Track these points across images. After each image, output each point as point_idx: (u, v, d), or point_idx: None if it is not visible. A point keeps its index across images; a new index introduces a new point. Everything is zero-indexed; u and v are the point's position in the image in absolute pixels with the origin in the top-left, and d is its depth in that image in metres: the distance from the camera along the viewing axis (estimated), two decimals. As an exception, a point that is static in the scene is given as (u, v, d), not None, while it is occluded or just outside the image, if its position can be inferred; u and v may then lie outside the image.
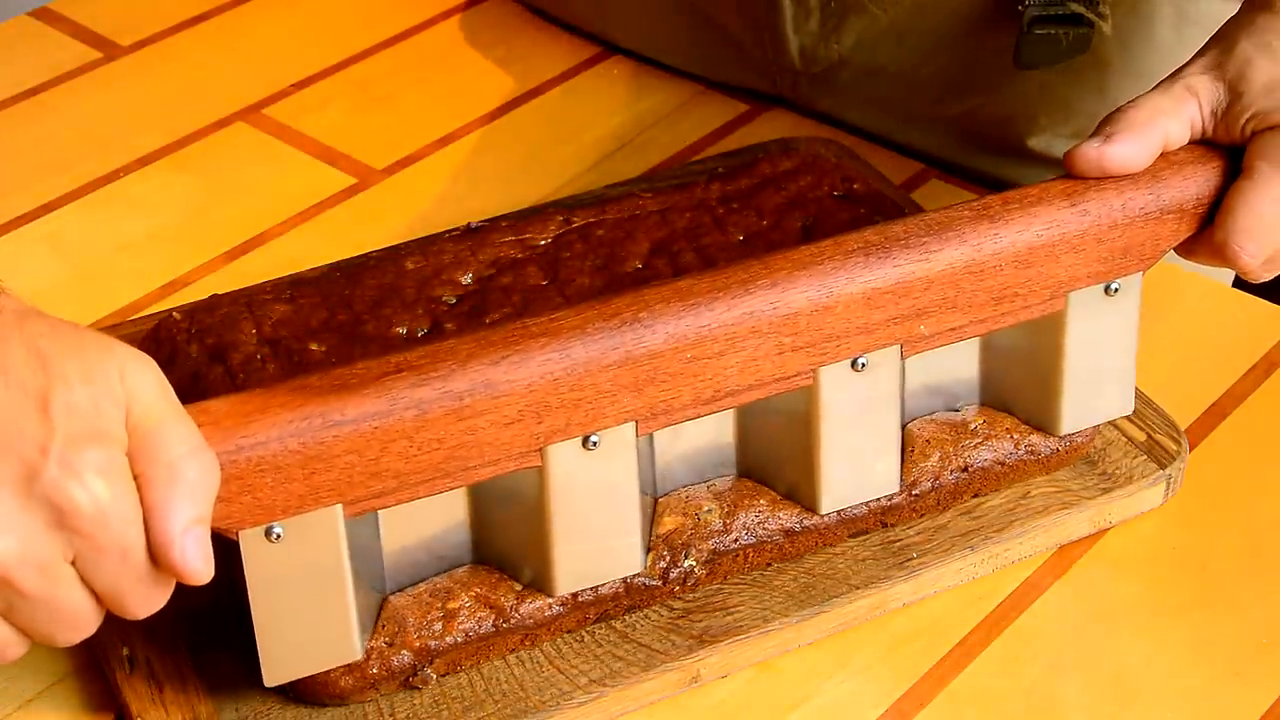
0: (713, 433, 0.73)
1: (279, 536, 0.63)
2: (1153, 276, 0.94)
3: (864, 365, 0.71)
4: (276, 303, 0.81)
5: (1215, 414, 0.85)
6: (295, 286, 0.82)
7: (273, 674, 0.66)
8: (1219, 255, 0.75)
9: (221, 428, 0.61)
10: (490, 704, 0.69)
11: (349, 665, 0.68)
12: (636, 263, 0.83)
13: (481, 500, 0.69)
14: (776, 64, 1.04)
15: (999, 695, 0.72)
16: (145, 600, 0.58)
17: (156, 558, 0.57)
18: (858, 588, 0.74)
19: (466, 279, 0.82)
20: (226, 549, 0.62)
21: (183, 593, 0.60)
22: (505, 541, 0.70)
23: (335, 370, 0.64)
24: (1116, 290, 0.75)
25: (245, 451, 0.61)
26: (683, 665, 0.71)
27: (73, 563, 0.56)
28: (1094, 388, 0.77)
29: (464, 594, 0.69)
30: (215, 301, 0.81)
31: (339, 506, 0.63)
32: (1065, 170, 0.74)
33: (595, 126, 1.06)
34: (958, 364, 0.77)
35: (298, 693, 0.69)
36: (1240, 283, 0.95)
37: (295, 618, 0.65)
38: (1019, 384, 0.77)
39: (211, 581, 0.59)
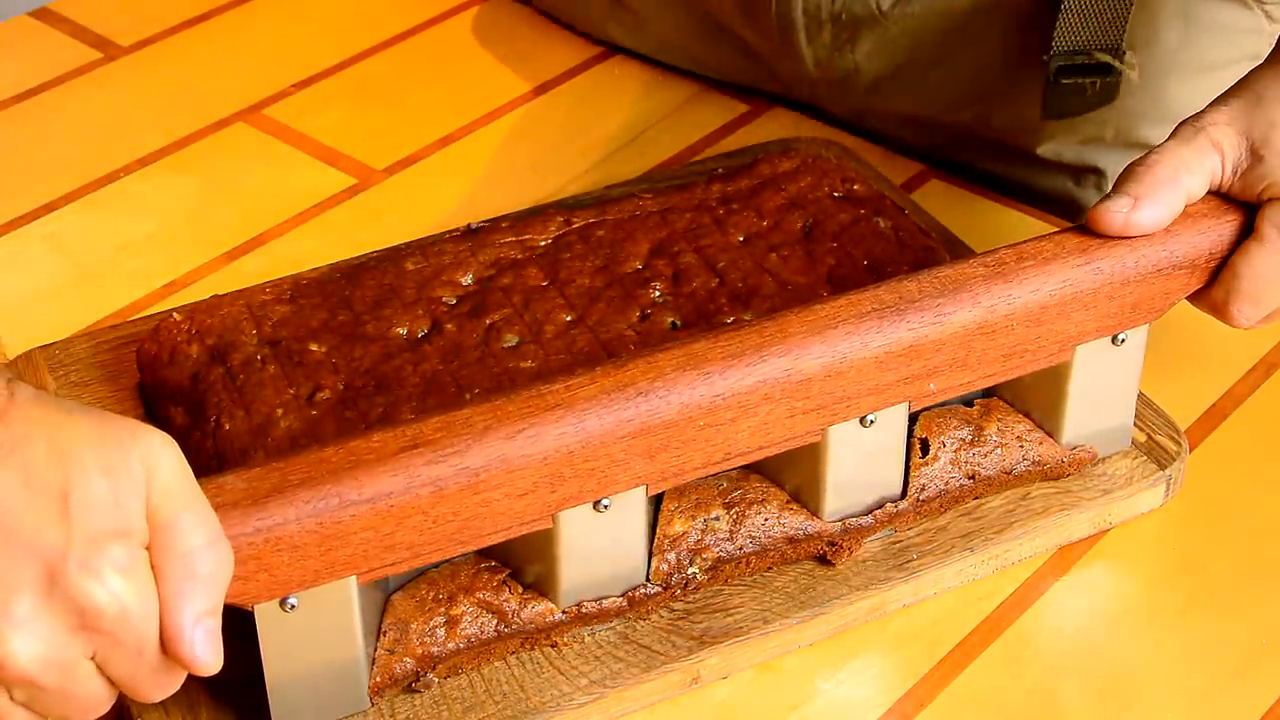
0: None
1: (293, 607, 0.64)
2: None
3: (872, 422, 0.72)
4: (276, 303, 0.81)
5: (1215, 414, 0.85)
6: (295, 287, 0.82)
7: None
8: (1216, 312, 0.76)
9: (239, 509, 0.61)
10: (490, 704, 0.69)
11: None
12: (636, 263, 0.83)
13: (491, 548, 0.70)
14: (793, 73, 1.04)
15: (999, 695, 0.72)
16: (158, 688, 0.59)
17: (166, 649, 0.57)
18: (858, 589, 0.74)
19: (466, 279, 0.82)
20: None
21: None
22: (513, 567, 0.71)
23: (350, 444, 0.64)
24: (1123, 341, 0.75)
25: (263, 533, 0.61)
26: (683, 666, 0.71)
27: (91, 657, 0.57)
28: (1093, 425, 0.78)
29: (466, 600, 0.69)
30: (215, 302, 0.81)
31: (353, 577, 0.64)
32: (1086, 223, 0.74)
33: (595, 126, 1.06)
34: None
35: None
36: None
37: (307, 676, 0.66)
38: (1022, 405, 0.78)
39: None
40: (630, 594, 0.71)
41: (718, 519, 0.73)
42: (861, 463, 0.73)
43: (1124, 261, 0.73)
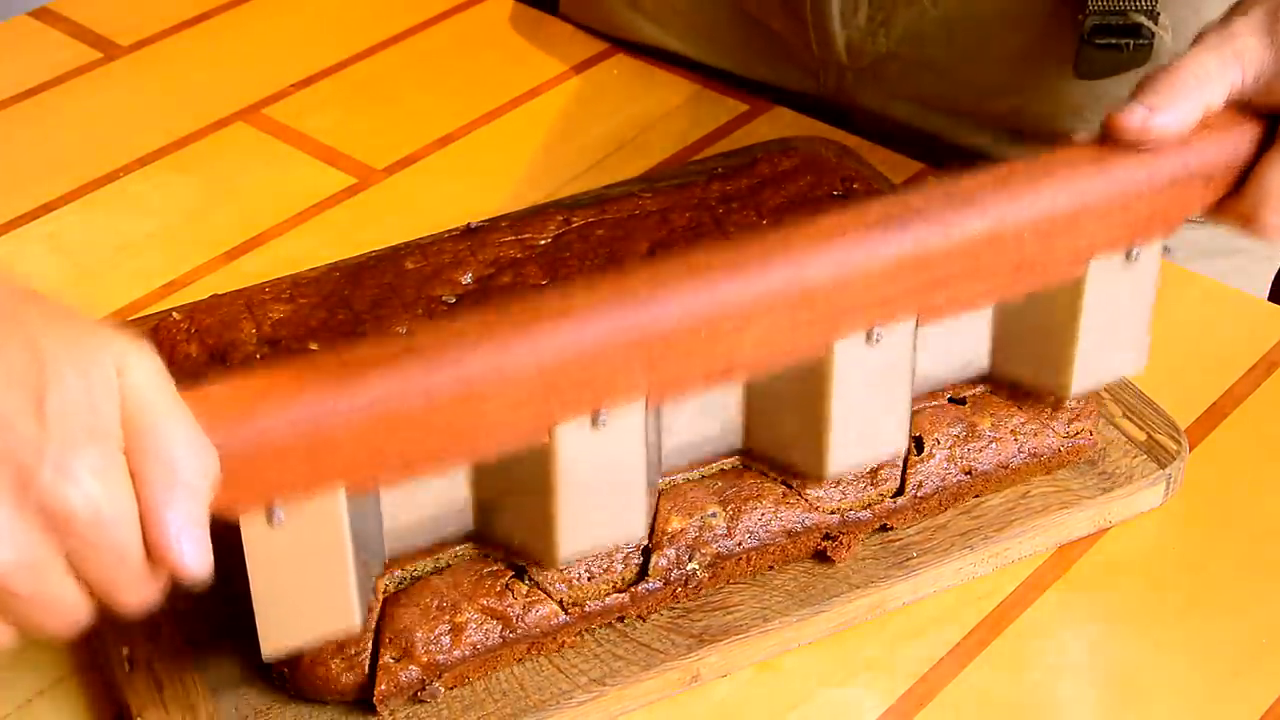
0: (719, 402, 0.72)
1: (281, 519, 0.62)
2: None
3: (879, 338, 0.69)
4: (276, 303, 0.81)
5: (1215, 414, 0.85)
6: (295, 286, 0.82)
7: (271, 646, 0.65)
8: (1245, 223, 0.74)
9: (224, 415, 0.59)
10: (490, 703, 0.69)
11: (350, 663, 0.68)
12: (636, 262, 0.83)
13: (483, 472, 0.68)
14: (821, 59, 1.03)
15: (999, 695, 0.72)
16: (138, 595, 0.58)
17: (153, 557, 0.57)
18: (857, 587, 0.74)
19: (466, 279, 0.82)
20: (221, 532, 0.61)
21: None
22: (507, 513, 0.70)
23: (341, 352, 0.62)
24: (1137, 257, 0.73)
25: (248, 438, 0.59)
26: (683, 664, 0.71)
27: (68, 558, 0.56)
28: (1107, 348, 0.75)
29: (470, 606, 0.69)
30: (215, 301, 0.81)
31: (342, 488, 0.62)
32: (1104, 133, 0.72)
33: (595, 126, 1.06)
34: (967, 327, 0.75)
35: (299, 690, 0.69)
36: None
37: (295, 593, 0.64)
38: (1029, 344, 0.76)
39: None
40: (632, 591, 0.71)
41: (714, 515, 0.73)
42: (867, 398, 0.71)
43: (1138, 172, 0.71)
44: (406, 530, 0.69)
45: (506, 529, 0.70)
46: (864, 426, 0.72)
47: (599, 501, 0.68)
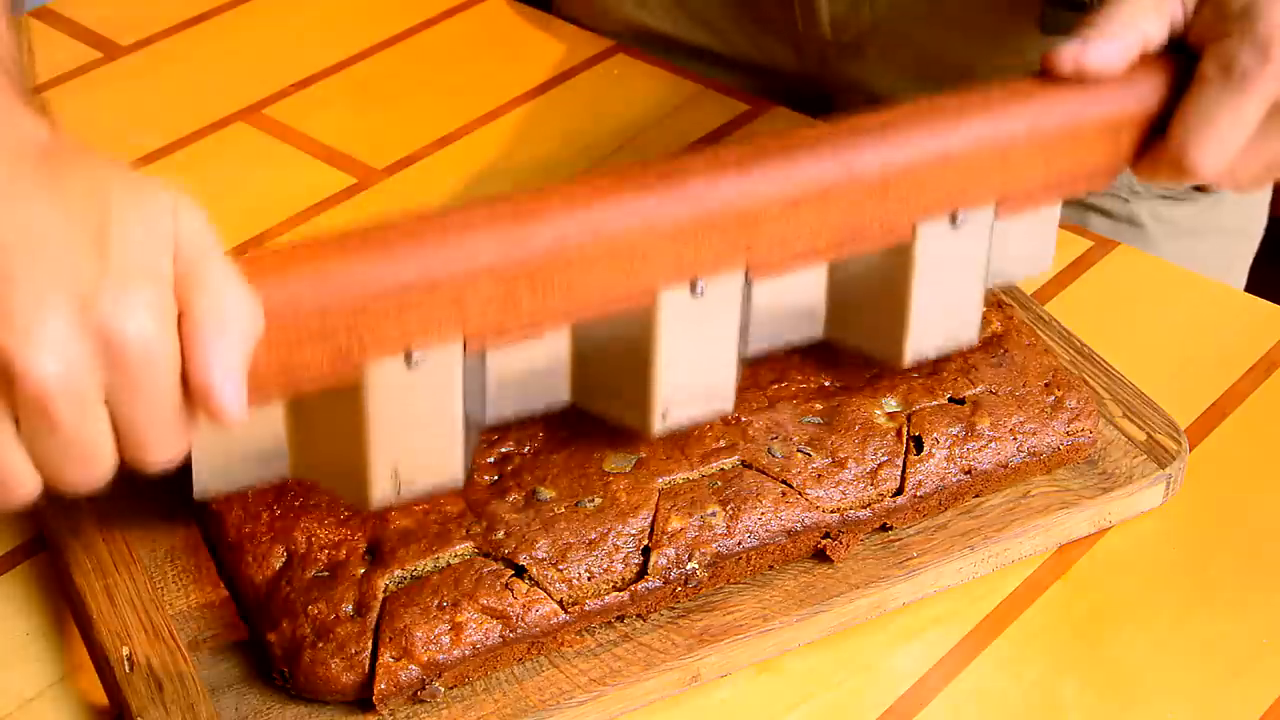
0: (806, 283, 0.73)
1: (415, 362, 0.64)
2: (1153, 276, 0.95)
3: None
4: (276, 302, 0.81)
5: (1215, 414, 0.85)
6: (295, 286, 0.82)
7: (380, 492, 0.67)
8: (1178, 169, 0.73)
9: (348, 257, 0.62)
10: (490, 703, 0.69)
11: (350, 662, 0.68)
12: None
13: (583, 339, 0.69)
14: (806, 34, 1.04)
15: (999, 695, 0.72)
16: (165, 445, 0.58)
17: (194, 396, 0.57)
18: (857, 587, 0.74)
19: (466, 278, 0.82)
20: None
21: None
22: (605, 382, 0.71)
23: (454, 213, 0.65)
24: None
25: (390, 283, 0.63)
26: (683, 664, 0.71)
27: (109, 395, 0.57)
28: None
29: (470, 606, 0.69)
30: (215, 301, 0.81)
31: (460, 341, 0.65)
32: (1043, 69, 0.73)
33: (595, 126, 1.06)
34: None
35: (299, 689, 0.69)
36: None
37: (409, 440, 0.66)
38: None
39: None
40: (632, 589, 0.71)
41: (714, 514, 0.73)
42: (947, 284, 0.73)
43: (1052, 112, 0.72)
44: (508, 395, 0.70)
45: (604, 400, 0.71)
46: (942, 314, 0.73)
47: (696, 369, 0.70)
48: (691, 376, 0.71)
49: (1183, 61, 0.73)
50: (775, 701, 0.72)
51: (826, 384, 0.78)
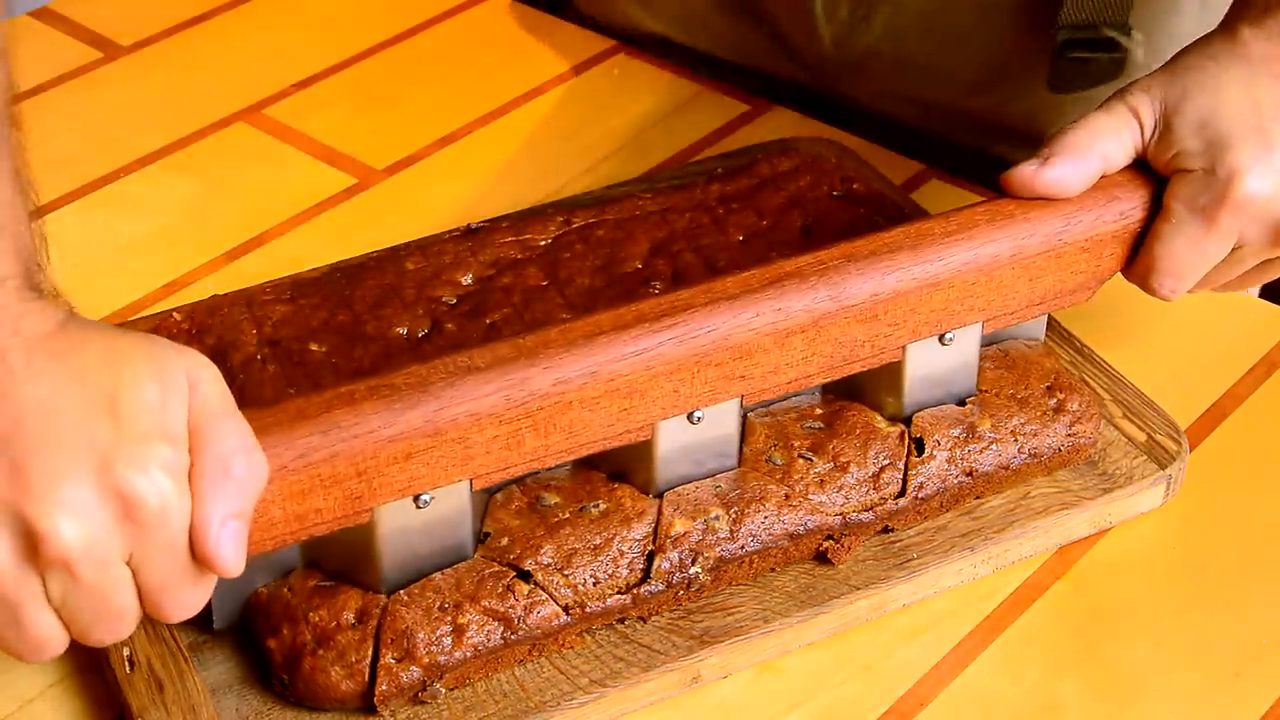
0: None
1: (426, 503, 0.67)
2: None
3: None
4: (277, 303, 0.81)
5: (1215, 414, 0.85)
6: (295, 287, 0.82)
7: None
8: (1143, 285, 0.78)
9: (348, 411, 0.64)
10: (491, 704, 0.69)
11: (350, 670, 0.68)
12: (636, 263, 0.83)
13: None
14: (809, 50, 1.04)
15: (999, 695, 0.72)
16: (183, 602, 0.60)
17: (193, 546, 0.59)
18: (858, 588, 0.74)
19: (466, 279, 0.82)
20: None
21: None
22: (608, 464, 0.74)
23: (457, 357, 0.67)
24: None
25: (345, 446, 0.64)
26: (683, 666, 0.71)
27: (128, 561, 0.58)
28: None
29: (472, 608, 0.69)
30: (215, 302, 0.81)
31: (468, 480, 0.68)
32: (1003, 189, 0.75)
33: (595, 126, 1.06)
34: None
35: (299, 697, 0.68)
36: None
37: (420, 565, 0.69)
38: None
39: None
40: (635, 593, 0.71)
41: (717, 518, 0.73)
42: (938, 378, 0.76)
43: (1035, 234, 0.74)
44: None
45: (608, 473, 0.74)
46: (941, 393, 0.77)
47: (696, 465, 0.74)
48: (691, 470, 0.74)
49: (1162, 182, 0.76)
50: (775, 702, 0.72)
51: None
